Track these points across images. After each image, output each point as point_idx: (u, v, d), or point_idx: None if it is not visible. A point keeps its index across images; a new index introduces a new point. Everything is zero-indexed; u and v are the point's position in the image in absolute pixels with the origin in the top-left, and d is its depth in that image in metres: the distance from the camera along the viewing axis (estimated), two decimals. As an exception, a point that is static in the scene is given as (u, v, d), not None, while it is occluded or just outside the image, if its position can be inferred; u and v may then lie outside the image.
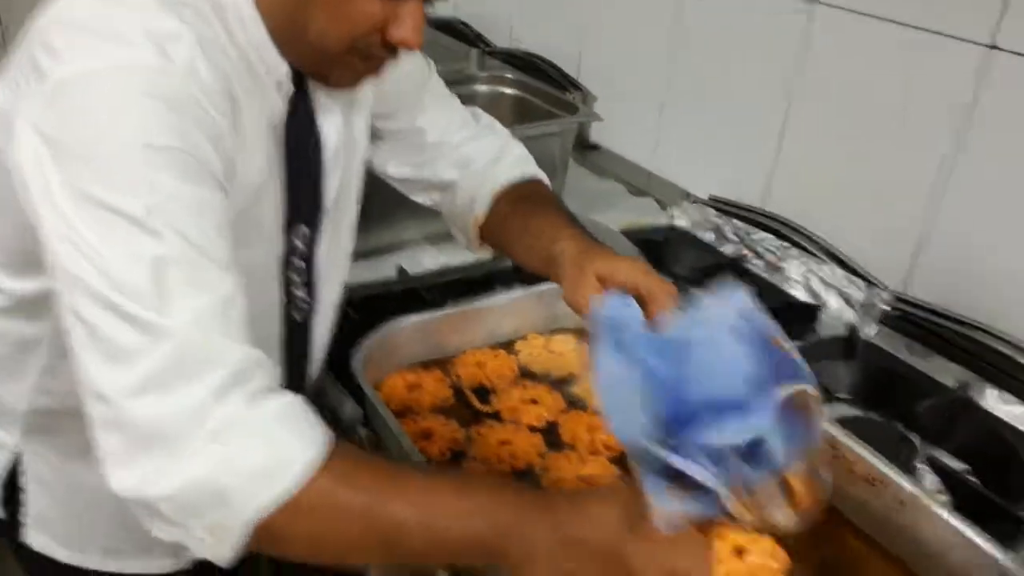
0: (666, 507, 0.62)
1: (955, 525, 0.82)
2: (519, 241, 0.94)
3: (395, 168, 1.02)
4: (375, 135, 0.97)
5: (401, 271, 1.34)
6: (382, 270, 1.36)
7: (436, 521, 0.63)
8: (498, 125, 1.06)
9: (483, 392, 1.07)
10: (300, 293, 0.87)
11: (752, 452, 0.64)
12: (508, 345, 1.16)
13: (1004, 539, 0.89)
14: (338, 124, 0.83)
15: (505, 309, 1.16)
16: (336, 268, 0.93)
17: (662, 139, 1.77)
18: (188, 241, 0.61)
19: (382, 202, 1.34)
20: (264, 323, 0.80)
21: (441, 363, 1.12)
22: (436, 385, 1.07)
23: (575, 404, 1.06)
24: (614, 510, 0.64)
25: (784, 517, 0.66)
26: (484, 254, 1.06)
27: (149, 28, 0.63)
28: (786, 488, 0.66)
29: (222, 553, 0.62)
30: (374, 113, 0.94)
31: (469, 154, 1.00)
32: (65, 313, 0.62)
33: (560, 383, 1.10)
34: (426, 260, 1.42)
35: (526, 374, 1.12)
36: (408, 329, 1.09)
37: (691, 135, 1.70)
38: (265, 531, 0.60)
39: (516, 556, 0.64)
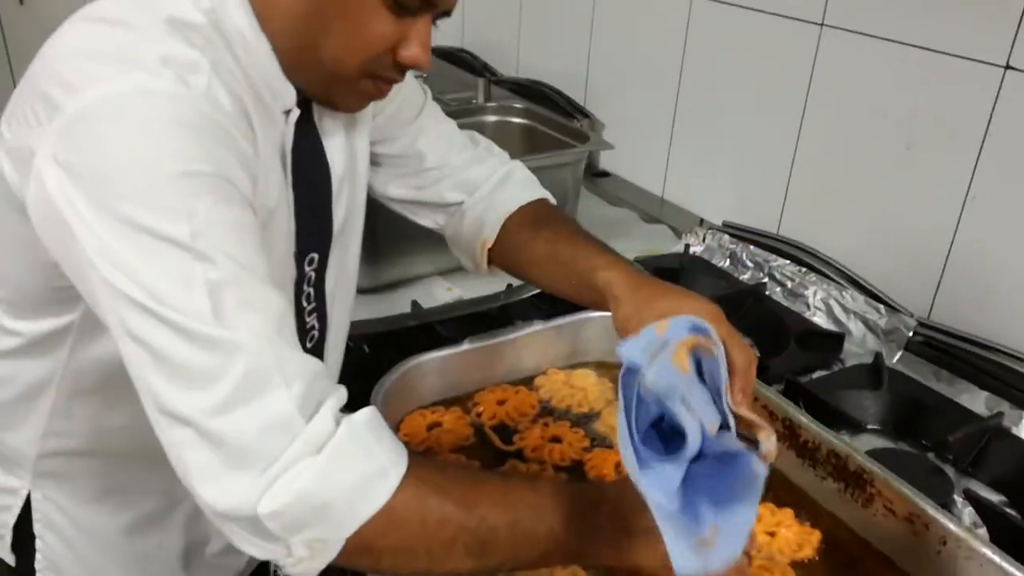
0: (690, 565, 0.61)
1: (1001, 564, 0.79)
2: (544, 266, 0.92)
3: (396, 190, 1.00)
4: (374, 161, 0.96)
5: (415, 305, 1.31)
6: (395, 305, 1.34)
7: (521, 521, 0.65)
8: (496, 147, 1.04)
9: (504, 430, 1.05)
10: (311, 320, 0.86)
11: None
12: (528, 380, 1.14)
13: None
14: (342, 147, 0.83)
15: (525, 344, 1.13)
16: (344, 293, 0.92)
17: (673, 165, 1.76)
18: (237, 263, 0.61)
19: (392, 236, 1.33)
20: None
21: (461, 400, 1.09)
22: (457, 423, 1.04)
23: (598, 441, 1.04)
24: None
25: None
26: (489, 286, 1.04)
27: (164, 55, 0.62)
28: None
29: (314, 568, 0.62)
30: (372, 139, 0.93)
31: (473, 177, 0.99)
32: (118, 336, 0.61)
33: (582, 419, 1.08)
34: (439, 294, 1.41)
35: (547, 411, 1.09)
36: (427, 366, 1.06)
37: (702, 160, 1.69)
38: (360, 543, 0.61)
39: (589, 554, 0.67)
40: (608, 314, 1.10)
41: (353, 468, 0.60)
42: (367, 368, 1.06)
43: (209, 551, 0.91)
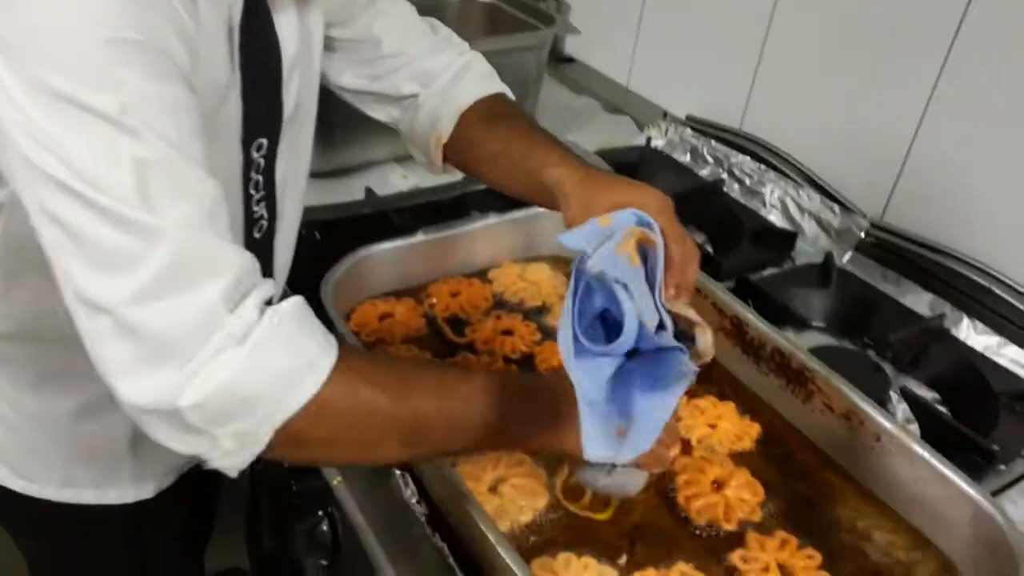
0: (600, 452, 0.62)
1: (929, 460, 0.82)
2: (496, 164, 0.89)
3: (350, 80, 0.95)
4: (327, 46, 0.91)
5: (369, 193, 1.29)
6: (349, 191, 1.31)
7: (455, 410, 0.66)
8: (456, 37, 0.99)
9: (457, 322, 1.05)
10: (259, 210, 0.83)
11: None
12: (482, 273, 1.14)
13: (971, 469, 0.91)
14: (294, 27, 0.77)
15: (480, 236, 1.12)
16: (296, 184, 0.88)
17: (639, 54, 1.71)
18: (168, 143, 0.57)
19: (347, 119, 1.28)
20: None
21: (414, 292, 1.08)
22: (409, 315, 1.04)
23: (549, 335, 1.04)
24: None
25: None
26: (446, 175, 1.02)
27: None
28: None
29: (241, 461, 0.61)
30: (326, 21, 0.87)
31: (430, 68, 0.94)
32: (35, 215, 0.57)
33: (535, 313, 1.08)
34: (395, 181, 1.37)
35: (500, 304, 1.09)
36: (380, 256, 1.05)
37: (670, 51, 1.64)
38: (289, 435, 0.60)
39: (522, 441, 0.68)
40: (563, 210, 1.10)
41: (279, 359, 0.59)
42: (318, 256, 1.04)
43: None
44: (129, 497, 0.91)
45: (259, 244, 0.85)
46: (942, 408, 1.03)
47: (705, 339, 0.70)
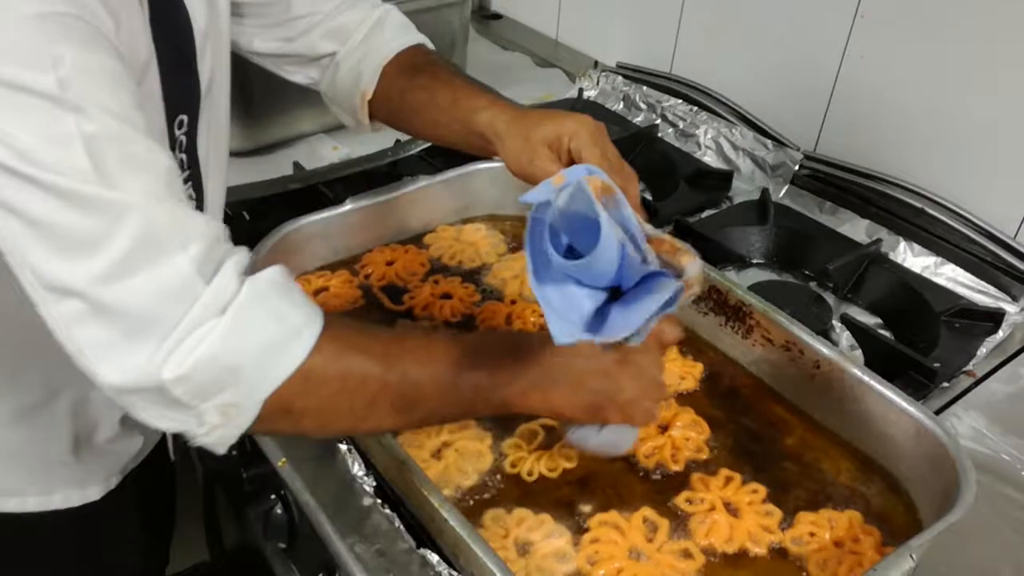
0: (574, 333, 0.60)
1: (869, 382, 0.83)
2: (423, 114, 0.87)
3: (263, 43, 0.92)
4: (234, 12, 0.87)
5: (297, 167, 1.25)
6: (277, 168, 1.27)
7: (444, 373, 0.64)
8: None
9: (394, 290, 1.03)
10: (187, 190, 0.80)
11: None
12: (418, 239, 1.11)
13: (916, 389, 0.93)
14: None
15: (411, 201, 1.10)
16: (218, 162, 0.86)
17: (566, 5, 1.68)
18: (114, 115, 0.55)
19: (269, 92, 1.24)
20: None
21: (348, 263, 1.06)
22: (344, 287, 1.02)
23: (490, 295, 1.03)
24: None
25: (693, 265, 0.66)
26: (377, 144, 0.99)
27: None
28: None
29: (230, 436, 0.59)
30: None
31: (345, 24, 0.92)
32: None
33: (474, 274, 1.07)
34: (325, 153, 1.34)
35: (438, 268, 1.07)
36: (308, 230, 1.02)
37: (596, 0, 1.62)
38: (278, 405, 0.58)
39: (514, 403, 0.67)
40: (496, 164, 1.08)
41: (261, 328, 0.57)
42: (248, 237, 0.99)
43: (99, 438, 0.88)
44: (75, 501, 0.88)
45: None
46: (884, 332, 1.04)
47: (694, 264, 0.66)
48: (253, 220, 1.14)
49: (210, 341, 0.55)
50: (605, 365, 0.68)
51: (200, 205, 0.83)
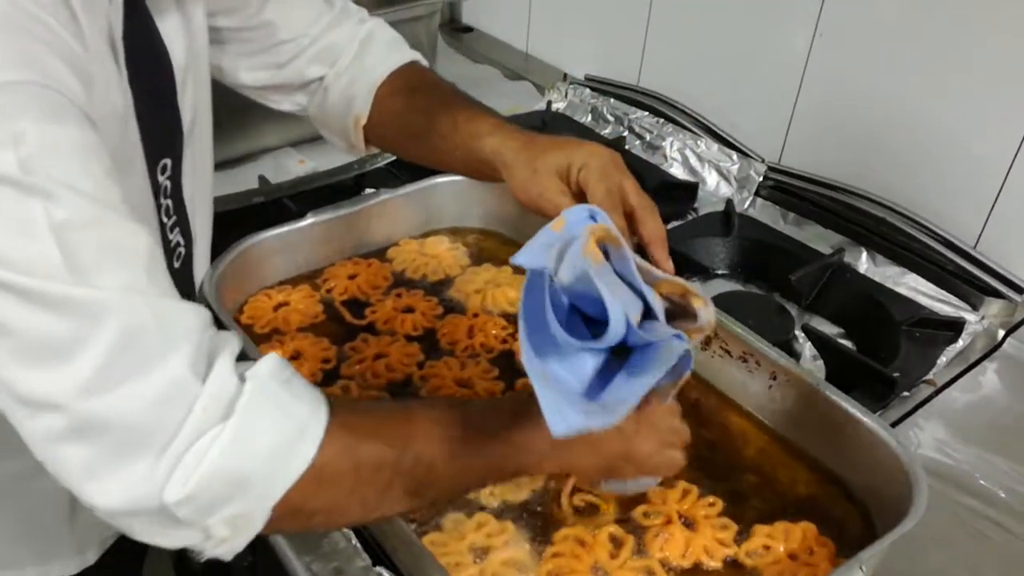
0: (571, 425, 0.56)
1: (824, 393, 0.83)
2: (424, 141, 0.83)
3: (249, 74, 0.88)
4: (217, 39, 0.83)
5: (263, 181, 1.25)
6: (242, 182, 1.27)
7: (460, 452, 0.60)
8: (352, 5, 0.92)
9: (357, 304, 1.03)
10: (175, 237, 0.76)
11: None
12: (382, 252, 1.11)
13: (876, 398, 0.93)
14: (180, 29, 0.71)
15: (374, 214, 1.10)
16: (204, 200, 0.82)
17: (535, 17, 1.69)
18: (86, 196, 0.49)
19: (235, 105, 1.23)
20: None
21: (310, 278, 1.06)
22: (305, 302, 1.01)
23: (452, 308, 1.03)
24: None
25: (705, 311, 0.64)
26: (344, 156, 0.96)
27: None
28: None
29: (238, 546, 0.54)
30: (210, 11, 0.79)
31: (333, 44, 0.88)
32: None
33: (438, 287, 1.06)
34: (292, 167, 1.34)
35: (401, 281, 1.07)
36: (268, 244, 1.02)
37: (565, 11, 1.63)
38: (287, 509, 0.53)
39: (526, 460, 0.63)
40: (458, 178, 1.08)
41: (269, 429, 0.52)
42: (212, 252, 1.00)
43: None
44: (72, 568, 0.84)
45: (179, 273, 0.79)
46: (846, 342, 1.04)
47: (707, 309, 0.64)
48: (216, 234, 1.12)
49: (216, 452, 0.50)
50: (619, 426, 0.61)
51: (189, 249, 0.80)
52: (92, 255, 0.48)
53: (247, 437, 0.51)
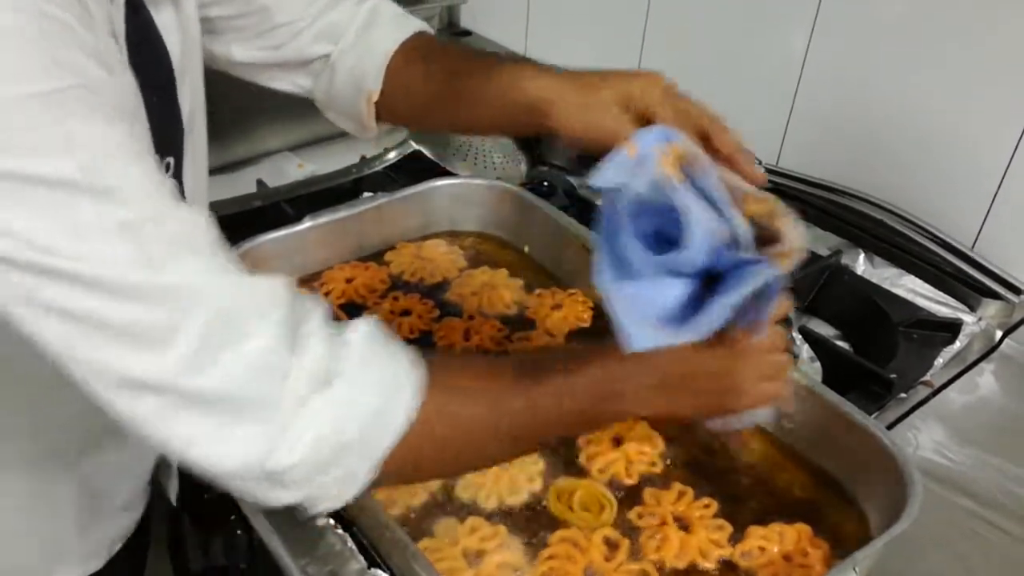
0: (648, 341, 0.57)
1: (820, 394, 0.83)
2: (447, 105, 0.80)
3: (243, 53, 0.84)
4: (209, 28, 0.80)
5: (261, 185, 1.25)
6: (241, 186, 1.27)
7: (546, 400, 0.61)
8: None
9: (354, 308, 1.03)
10: None
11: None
12: (379, 255, 1.11)
13: (873, 400, 0.93)
14: (174, 23, 0.70)
15: (371, 218, 1.10)
16: (201, 197, 0.81)
17: (533, 20, 1.69)
18: (142, 189, 0.50)
19: (235, 109, 1.24)
20: None
21: (307, 281, 1.06)
22: (302, 305, 1.01)
23: (449, 311, 1.03)
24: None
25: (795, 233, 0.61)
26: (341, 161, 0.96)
27: None
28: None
29: (345, 499, 0.56)
30: (201, 1, 0.77)
31: (335, 20, 0.84)
32: (25, 319, 0.49)
33: (434, 290, 1.07)
34: (290, 171, 1.34)
35: (399, 285, 1.07)
36: (266, 249, 1.02)
37: (563, 13, 1.63)
38: (394, 464, 0.55)
39: (621, 406, 0.64)
40: (456, 180, 1.09)
41: (371, 392, 0.54)
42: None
43: (105, 514, 0.84)
44: (76, 575, 0.83)
45: None
46: (843, 343, 1.04)
47: (793, 231, 0.60)
48: (214, 239, 1.13)
49: (324, 418, 0.52)
50: (715, 362, 0.64)
51: None
52: (162, 246, 0.49)
53: (352, 400, 0.53)
